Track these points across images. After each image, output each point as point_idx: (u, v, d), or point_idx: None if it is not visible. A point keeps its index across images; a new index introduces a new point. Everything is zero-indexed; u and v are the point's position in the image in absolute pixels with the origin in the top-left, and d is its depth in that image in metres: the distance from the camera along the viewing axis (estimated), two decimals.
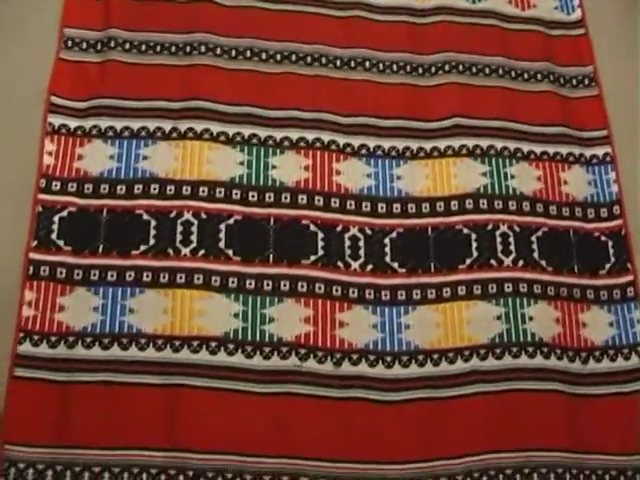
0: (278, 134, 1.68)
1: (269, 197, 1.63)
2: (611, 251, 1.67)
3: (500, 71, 1.81)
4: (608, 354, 1.61)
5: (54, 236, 1.56)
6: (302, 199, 1.64)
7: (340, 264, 1.60)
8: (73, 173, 1.61)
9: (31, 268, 1.54)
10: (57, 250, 1.55)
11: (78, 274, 1.54)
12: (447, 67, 1.80)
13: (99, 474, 1.44)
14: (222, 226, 1.60)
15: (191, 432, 1.47)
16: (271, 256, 1.58)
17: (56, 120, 1.65)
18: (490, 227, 1.64)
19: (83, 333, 1.50)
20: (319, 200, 1.64)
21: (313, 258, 1.59)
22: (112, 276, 1.54)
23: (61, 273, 1.53)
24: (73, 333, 1.50)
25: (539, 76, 1.82)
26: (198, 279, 1.55)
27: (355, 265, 1.60)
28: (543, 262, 1.65)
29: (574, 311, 1.64)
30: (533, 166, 1.73)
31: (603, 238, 1.69)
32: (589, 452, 1.53)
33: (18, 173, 1.62)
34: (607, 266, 1.67)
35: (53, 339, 1.50)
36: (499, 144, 1.73)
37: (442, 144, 1.72)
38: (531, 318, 1.60)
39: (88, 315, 1.52)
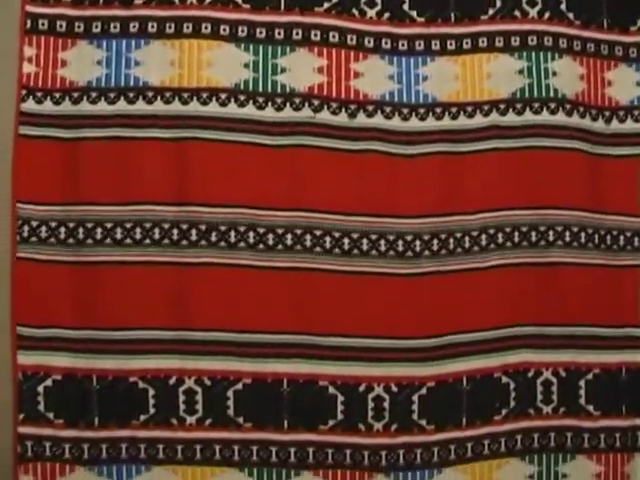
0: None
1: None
2: None
3: None
4: (632, 114, 1.54)
5: None
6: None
7: (355, 11, 1.51)
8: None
9: (29, 22, 1.47)
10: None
11: (79, 27, 1.47)
12: None
13: (111, 229, 1.45)
14: None
15: (203, 186, 1.44)
16: (282, 2, 1.49)
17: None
18: None
19: (88, 88, 1.46)
20: None
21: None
22: (115, 27, 1.47)
23: (61, 26, 1.46)
24: (77, 88, 1.47)
25: None
26: (206, 28, 1.47)
27: (371, 13, 1.51)
28: (570, 15, 1.55)
29: (600, 68, 1.57)
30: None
31: None
32: (606, 212, 1.55)
33: None
34: (639, 22, 1.57)
35: (57, 95, 1.46)
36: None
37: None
38: (555, 73, 1.54)
39: (92, 69, 1.47)
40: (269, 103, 1.48)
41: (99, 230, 1.45)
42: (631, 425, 1.57)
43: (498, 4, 1.54)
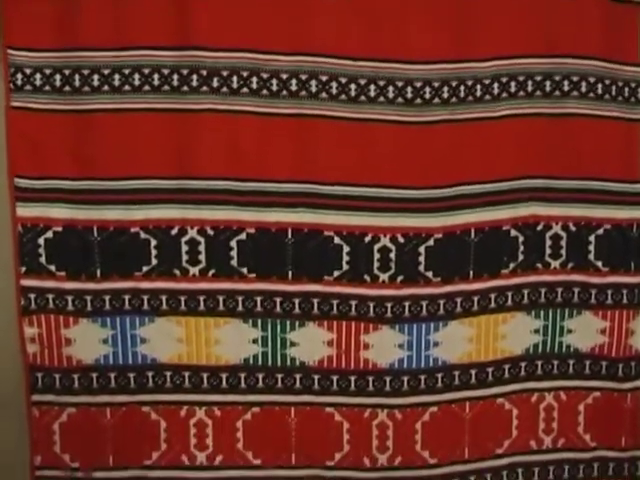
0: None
1: None
2: None
3: None
4: None
5: None
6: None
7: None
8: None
9: None
10: None
11: None
12: None
13: (109, 76, 1.41)
14: None
15: (204, 29, 1.39)
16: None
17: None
18: None
19: None
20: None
21: None
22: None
23: None
24: None
25: None
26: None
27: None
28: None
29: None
30: None
31: None
32: (625, 63, 1.51)
33: None
34: None
35: None
36: None
37: None
38: None
39: None
40: None
41: (96, 77, 1.41)
42: (639, 282, 1.58)
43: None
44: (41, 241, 1.45)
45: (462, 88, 1.47)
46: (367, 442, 1.56)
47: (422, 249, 1.50)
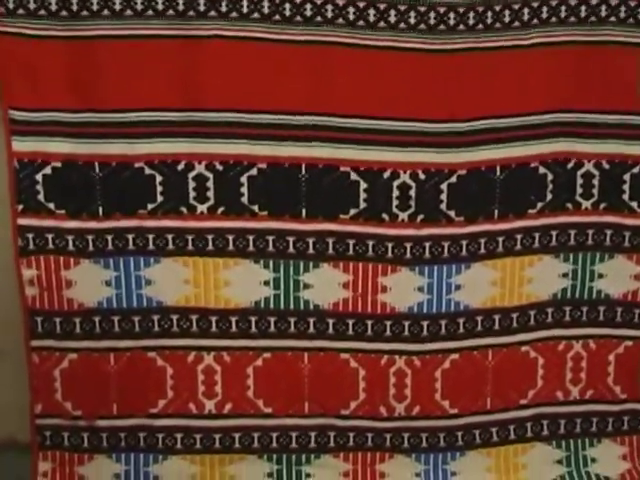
0: None
1: None
2: None
3: None
4: None
5: None
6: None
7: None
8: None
9: None
10: None
11: None
12: None
13: None
14: None
15: None
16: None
17: None
18: None
19: None
20: None
21: None
22: None
23: None
24: None
25: None
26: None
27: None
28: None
29: None
30: None
31: None
32: None
33: None
34: None
35: None
36: None
37: None
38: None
39: None
40: None
41: (95, 0, 1.33)
42: None
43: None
44: (39, 177, 1.39)
45: (489, 14, 1.38)
46: (384, 390, 1.51)
47: (444, 186, 1.44)
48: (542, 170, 1.46)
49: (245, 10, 1.35)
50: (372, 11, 1.37)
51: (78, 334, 1.45)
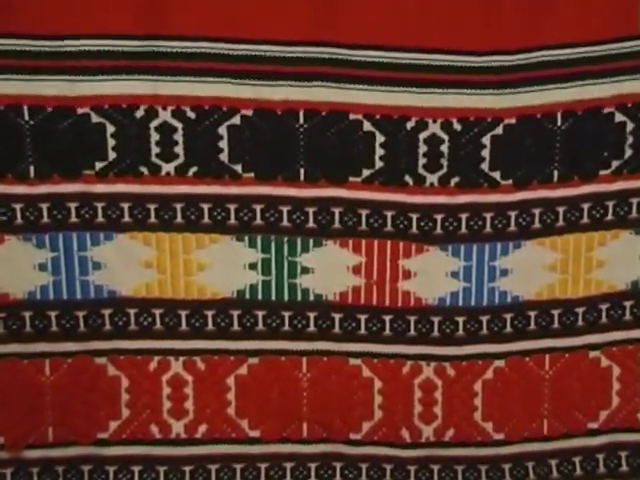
0: None
1: None
2: None
3: None
4: None
5: None
6: None
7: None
8: None
9: None
10: None
11: None
12: None
13: None
14: None
15: None
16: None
17: None
18: None
19: None
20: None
21: None
22: None
23: None
24: None
25: None
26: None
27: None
28: None
29: None
30: None
31: None
32: None
33: None
34: None
35: None
36: None
37: None
38: None
39: None
40: None
41: None
42: None
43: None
44: None
45: None
46: (407, 408, 1.30)
47: (486, 140, 1.23)
48: (619, 117, 1.25)
49: None
50: None
51: (2, 335, 1.23)
